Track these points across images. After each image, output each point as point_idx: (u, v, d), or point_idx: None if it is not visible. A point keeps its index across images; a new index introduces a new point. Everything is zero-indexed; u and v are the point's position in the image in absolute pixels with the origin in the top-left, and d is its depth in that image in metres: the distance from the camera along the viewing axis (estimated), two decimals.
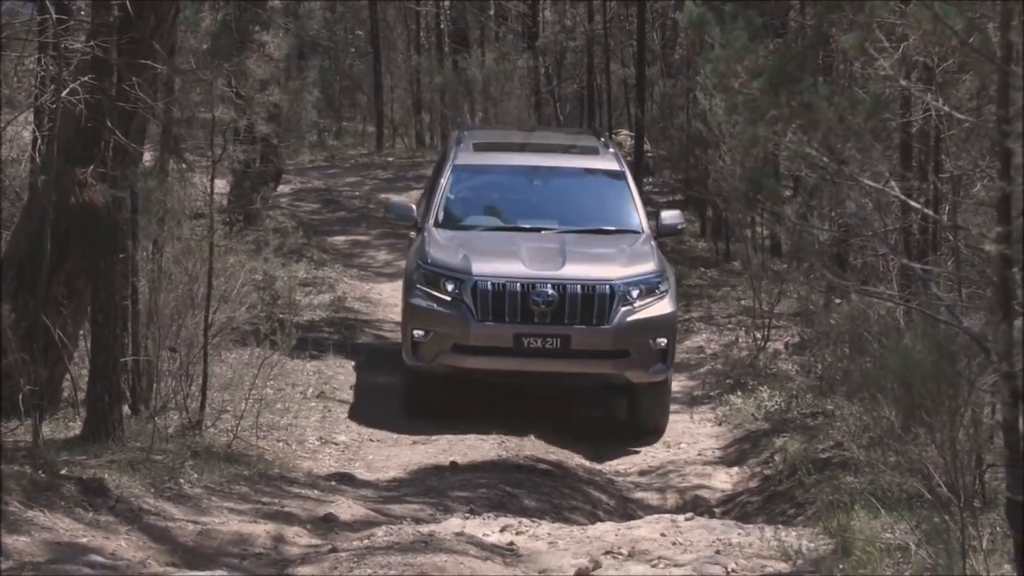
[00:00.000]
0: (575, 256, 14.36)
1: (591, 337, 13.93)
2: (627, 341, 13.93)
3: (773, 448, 13.50)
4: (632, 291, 14.06)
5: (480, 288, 13.88)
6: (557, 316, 13.88)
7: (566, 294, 13.87)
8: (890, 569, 7.46)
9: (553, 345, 13.85)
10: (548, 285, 13.88)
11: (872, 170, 9.57)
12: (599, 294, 13.92)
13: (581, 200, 15.65)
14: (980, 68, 5.74)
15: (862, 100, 7.51)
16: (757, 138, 6.88)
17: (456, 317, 13.90)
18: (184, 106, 14.57)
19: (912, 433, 6.77)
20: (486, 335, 13.89)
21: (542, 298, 13.82)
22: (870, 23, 6.71)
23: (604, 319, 13.89)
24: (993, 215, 5.06)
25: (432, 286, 14.07)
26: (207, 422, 12.60)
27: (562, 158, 16.57)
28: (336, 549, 9.56)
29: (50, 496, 10.18)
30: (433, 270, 14.22)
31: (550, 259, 14.29)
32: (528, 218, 15.36)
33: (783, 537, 9.80)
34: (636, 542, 10.00)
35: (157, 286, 12.79)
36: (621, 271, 14.23)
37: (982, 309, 6.95)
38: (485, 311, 13.87)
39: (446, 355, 13.93)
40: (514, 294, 13.87)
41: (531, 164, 16.32)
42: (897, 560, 7.57)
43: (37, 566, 8.05)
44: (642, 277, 14.26)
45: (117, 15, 11.87)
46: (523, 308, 13.84)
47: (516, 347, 13.85)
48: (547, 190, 15.94)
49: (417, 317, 14.11)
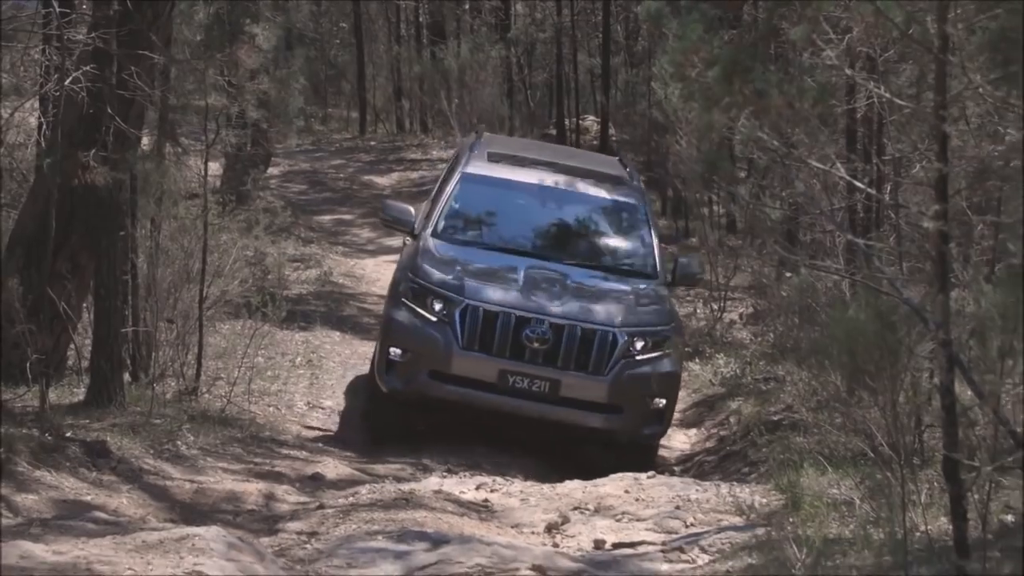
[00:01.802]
0: (579, 294, 12.23)
1: (584, 386, 11.75)
2: (623, 396, 11.78)
3: (728, 411, 13.55)
4: (636, 342, 11.91)
5: (470, 313, 11.76)
6: (550, 357, 11.73)
7: (563, 335, 11.73)
8: (836, 522, 7.50)
9: (541, 389, 11.72)
10: (545, 322, 11.75)
11: (819, 153, 9.56)
12: (599, 340, 11.79)
13: (596, 232, 13.39)
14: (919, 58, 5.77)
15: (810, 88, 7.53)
16: (712, 123, 6.88)
17: (439, 340, 11.76)
18: (180, 94, 14.51)
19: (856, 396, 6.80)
20: (469, 365, 11.74)
21: (536, 335, 11.70)
22: (817, 16, 6.72)
23: (601, 368, 11.75)
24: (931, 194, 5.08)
25: (419, 303, 11.93)
26: (202, 388, 12.60)
27: (582, 183, 13.92)
28: (323, 506, 9.57)
29: (56, 457, 10.18)
30: (423, 285, 12.06)
31: (551, 293, 12.12)
32: (536, 243, 13.05)
33: (737, 493, 9.84)
34: (602, 498, 10.02)
35: (155, 262, 12.77)
36: (625, 316, 12.05)
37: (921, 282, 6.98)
38: (472, 339, 11.73)
39: (422, 380, 11.79)
40: (506, 326, 11.73)
41: (547, 184, 13.69)
42: (843, 514, 7.61)
43: (45, 522, 8.04)
44: (649, 329, 12.10)
45: (117, 8, 11.83)
46: (514, 343, 11.71)
47: (500, 384, 11.70)
48: (560, 215, 13.44)
49: (397, 334, 12.00)
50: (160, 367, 12.58)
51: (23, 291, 11.79)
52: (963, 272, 8.54)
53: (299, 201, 23.23)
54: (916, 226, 9.59)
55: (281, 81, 20.04)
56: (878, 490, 5.83)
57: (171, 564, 6.74)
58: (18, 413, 11.07)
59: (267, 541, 8.45)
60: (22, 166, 14.87)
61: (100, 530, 7.56)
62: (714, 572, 7.20)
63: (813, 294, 12.60)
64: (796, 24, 7.41)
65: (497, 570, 7.83)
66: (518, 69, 29.03)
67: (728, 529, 8.94)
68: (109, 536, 7.29)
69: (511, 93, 28.11)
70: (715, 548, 8.41)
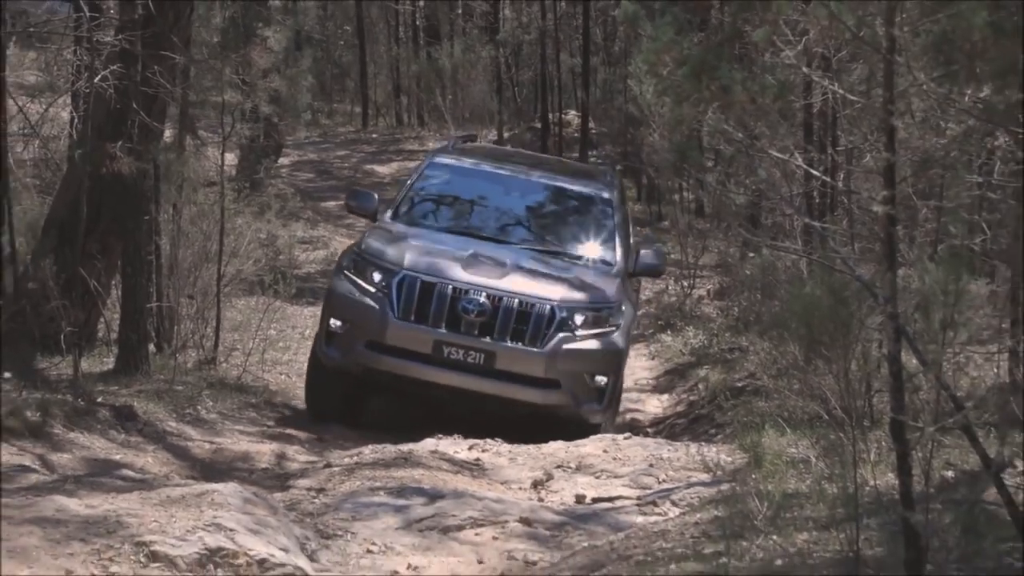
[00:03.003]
0: (522, 271, 11.07)
1: (520, 358, 10.62)
2: (560, 371, 10.65)
3: (697, 378, 13.58)
4: (576, 316, 10.79)
5: (407, 283, 10.71)
6: (486, 329, 10.61)
7: (500, 307, 10.62)
8: (794, 478, 7.52)
9: (476, 360, 10.58)
10: (482, 293, 10.65)
11: (779, 144, 9.57)
12: (536, 313, 10.67)
13: (557, 220, 12.22)
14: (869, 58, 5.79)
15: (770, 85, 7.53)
16: (682, 117, 6.88)
17: (376, 311, 10.70)
18: (198, 90, 14.48)
19: (812, 365, 6.83)
20: (404, 336, 10.63)
21: (473, 306, 10.59)
22: (776, 20, 6.72)
23: (537, 341, 10.62)
24: (880, 181, 5.09)
25: (359, 274, 10.94)
26: (220, 358, 12.61)
27: (548, 175, 12.84)
28: (330, 464, 9.58)
29: (88, 420, 10.19)
30: (364, 258, 11.08)
31: (493, 269, 10.99)
32: (492, 227, 11.95)
33: (705, 453, 9.86)
34: (583, 458, 10.04)
35: (177, 243, 12.77)
36: (566, 293, 10.92)
37: (871, 261, 6.99)
38: (408, 309, 10.65)
39: (359, 351, 10.75)
40: (443, 296, 10.64)
41: (512, 174, 12.64)
42: (800, 471, 7.64)
43: (78, 479, 8.06)
44: (591, 305, 10.94)
45: (141, 13, 11.81)
46: (450, 314, 10.62)
47: (435, 355, 10.59)
48: (522, 203, 12.33)
49: (337, 305, 11.02)
50: (182, 339, 12.59)
51: (57, 270, 11.81)
52: (909, 252, 8.57)
53: (307, 188, 23.23)
54: (867, 210, 9.60)
55: (291, 79, 19.98)
56: (832, 449, 5.84)
57: (192, 516, 6.75)
58: (53, 380, 11.09)
59: (279, 496, 8.47)
60: (56, 156, 14.86)
61: (128, 486, 7.57)
62: (684, 523, 7.23)
63: (773, 272, 12.64)
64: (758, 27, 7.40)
65: (488, 522, 7.85)
66: (506, 68, 29.01)
67: (696, 485, 8.97)
68: (136, 491, 7.30)
69: (500, 90, 28.07)
70: (685, 502, 8.44)
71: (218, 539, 6.49)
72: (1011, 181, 6.74)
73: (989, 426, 6.84)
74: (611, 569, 6.43)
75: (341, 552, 7.18)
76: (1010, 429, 7.12)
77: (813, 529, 6.33)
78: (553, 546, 7.57)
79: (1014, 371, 8.92)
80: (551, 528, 7.91)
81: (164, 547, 6.35)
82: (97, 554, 6.22)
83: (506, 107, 27.94)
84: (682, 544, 6.65)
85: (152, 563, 6.24)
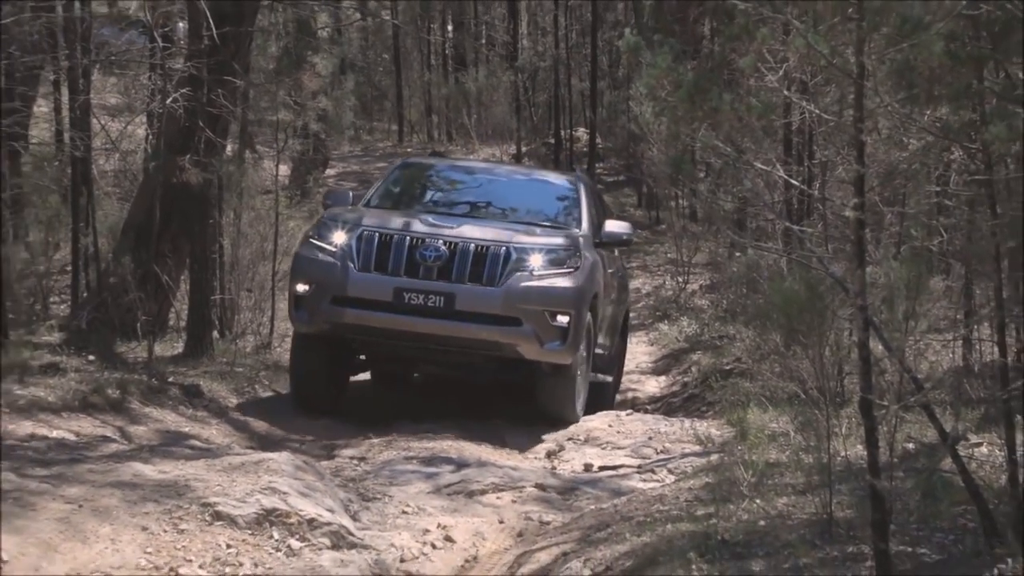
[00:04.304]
0: (478, 223, 10.20)
1: (477, 298, 9.58)
2: (517, 309, 9.59)
3: (690, 362, 13.56)
4: (530, 256, 9.75)
5: (366, 237, 9.78)
6: (443, 273, 9.63)
7: (456, 251, 9.66)
8: (775, 450, 7.51)
9: (436, 304, 9.56)
10: (439, 241, 9.70)
11: (763, 157, 9.57)
12: (492, 254, 9.67)
13: (524, 202, 11.10)
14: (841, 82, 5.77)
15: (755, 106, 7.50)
16: (678, 134, 6.88)
17: (337, 267, 9.75)
18: (256, 110, 14.54)
19: (791, 350, 6.80)
20: (365, 286, 9.65)
21: (431, 252, 9.64)
22: (760, 49, 6.71)
23: (494, 280, 9.61)
24: (850, 190, 5.08)
25: (322, 238, 9.99)
26: (275, 344, 12.63)
27: (515, 168, 11.91)
28: (369, 437, 9.59)
29: (160, 397, 10.21)
30: (327, 221, 10.16)
31: (450, 220, 10.15)
32: (458, 209, 10.94)
33: (697, 427, 9.86)
34: (590, 431, 10.04)
35: (237, 243, 12.81)
36: (522, 237, 9.92)
37: (843, 259, 6.98)
38: (367, 262, 9.71)
39: (325, 308, 9.73)
40: (400, 246, 9.69)
41: (480, 167, 11.95)
42: (780, 443, 7.62)
43: (152, 448, 8.08)
44: (544, 245, 9.88)
45: (207, 43, 11.83)
46: (408, 262, 9.66)
47: (396, 302, 9.59)
48: (490, 190, 11.31)
49: (301, 269, 9.98)
50: (241, 327, 12.62)
51: (134, 267, 11.84)
52: (876, 252, 8.55)
53: None
54: (839, 215, 9.58)
55: (336, 100, 20.05)
56: (808, 424, 5.83)
57: (250, 481, 6.77)
58: (131, 363, 11.11)
59: (326, 464, 8.48)
60: (133, 168, 14.91)
61: (195, 454, 7.59)
62: (679, 489, 7.22)
63: (757, 269, 12.60)
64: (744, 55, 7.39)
65: (507, 487, 7.86)
66: (524, 91, 29.01)
67: (690, 455, 8.97)
68: (202, 459, 7.32)
69: (518, 110, 28.08)
70: (679, 470, 8.43)
71: (273, 501, 6.50)
72: (965, 190, 6.71)
73: (946, 404, 6.84)
74: (615, 528, 6.43)
75: (380, 513, 7.19)
76: (963, 407, 7.11)
77: (792, 494, 6.32)
78: (564, 508, 7.57)
79: (967, 356, 8.91)
80: (562, 492, 7.91)
81: (226, 507, 6.36)
82: (168, 513, 6.24)
83: (524, 125, 27.94)
84: (677, 507, 6.64)
85: (216, 521, 6.25)
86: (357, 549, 6.38)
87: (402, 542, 6.66)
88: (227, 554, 6.04)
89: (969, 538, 5.20)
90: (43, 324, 12.84)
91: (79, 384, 9.65)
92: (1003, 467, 5.29)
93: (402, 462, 8.36)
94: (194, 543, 6.05)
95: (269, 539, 6.26)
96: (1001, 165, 5.26)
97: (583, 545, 6.27)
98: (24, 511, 5.97)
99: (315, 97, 14.59)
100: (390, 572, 6.30)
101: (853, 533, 5.46)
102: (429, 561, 6.54)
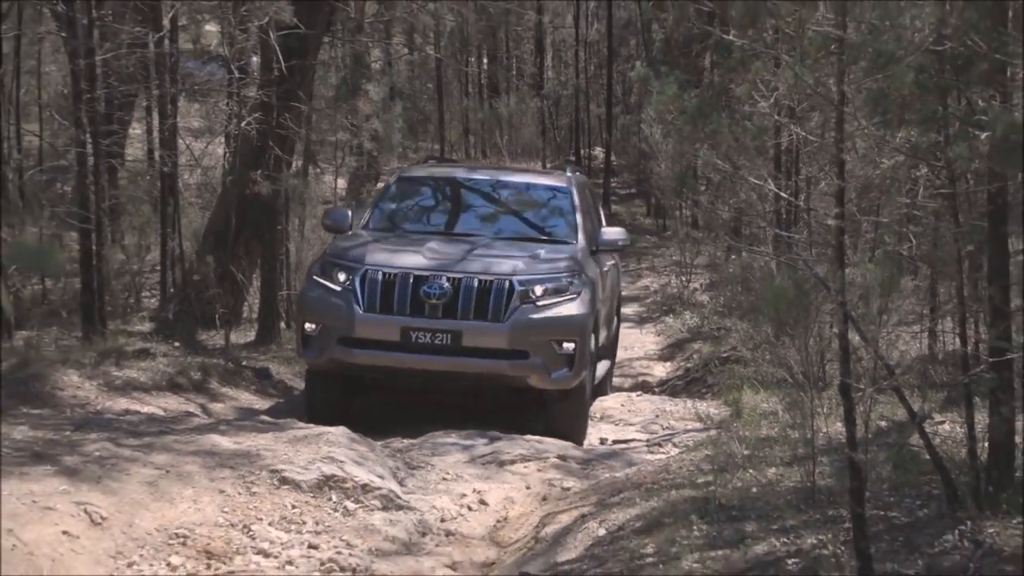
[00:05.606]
0: (480, 254, 8.95)
1: (484, 334, 8.48)
2: (525, 341, 8.50)
3: (692, 350, 13.52)
4: (535, 288, 8.65)
5: (370, 277, 8.62)
6: (449, 311, 8.51)
7: (460, 287, 8.55)
8: (766, 427, 7.48)
9: (443, 341, 8.47)
10: (442, 278, 8.57)
11: (756, 173, 9.55)
12: (496, 289, 8.56)
13: (518, 210, 10.07)
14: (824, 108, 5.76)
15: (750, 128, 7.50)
16: (683, 152, 6.87)
17: (343, 308, 8.59)
18: (318, 131, 14.60)
19: (780, 340, 6.78)
20: (372, 327, 8.51)
21: (435, 290, 8.51)
22: (754, 79, 6.71)
23: (499, 316, 8.51)
24: (832, 202, 5.06)
25: (326, 277, 8.81)
26: None
27: (508, 173, 10.86)
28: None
29: (236, 378, 10.27)
30: (331, 260, 8.95)
31: (453, 256, 8.88)
32: (461, 224, 9.83)
33: (698, 407, 9.83)
34: (605, 410, 10.03)
35: (301, 247, 12.85)
36: (524, 268, 8.77)
37: (825, 262, 6.96)
38: (372, 302, 8.56)
39: (333, 348, 8.60)
40: (405, 285, 8.55)
41: (474, 176, 10.61)
42: (770, 421, 7.60)
43: (228, 422, 8.12)
44: (546, 276, 8.76)
45: (276, 74, 11.90)
46: (413, 301, 8.53)
47: (403, 342, 8.48)
48: (485, 200, 10.22)
49: (308, 309, 8.83)
50: None
51: (214, 266, 11.93)
52: (854, 255, 8.51)
53: None
54: (822, 224, 9.54)
55: (386, 123, 20.13)
56: (794, 405, 5.81)
57: (312, 451, 6.80)
58: (210, 349, 11.19)
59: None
60: (213, 182, 15.00)
61: (265, 428, 7.63)
62: (682, 460, 7.21)
63: (751, 270, 12.55)
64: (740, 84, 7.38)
65: (533, 458, 7.85)
66: (549, 115, 29.05)
67: (691, 431, 8.95)
68: (271, 432, 7.36)
69: (544, 132, 28.11)
70: (683, 444, 8.41)
71: (332, 468, 6.52)
72: (931, 202, 6.69)
73: (914, 387, 6.80)
74: (627, 494, 6.43)
75: (423, 479, 7.20)
76: (929, 390, 7.07)
77: (780, 465, 6.30)
78: (583, 476, 7.57)
79: (932, 346, 8.86)
80: (581, 463, 7.91)
81: (291, 473, 6.39)
82: (242, 478, 6.28)
83: (549, 144, 27.97)
84: (680, 476, 6.63)
85: (283, 486, 6.29)
86: (404, 510, 6.40)
87: (442, 504, 6.67)
88: (292, 513, 6.07)
89: (934, 504, 5.18)
90: (136, 315, 12.94)
91: (167, 367, 9.72)
92: (963, 442, 5.27)
93: (442, 435, 8.37)
94: (264, 504, 6.09)
95: (328, 501, 6.29)
96: (962, 180, 5.24)
97: (599, 508, 6.27)
98: (120, 475, 6.02)
99: (368, 120, 14.65)
100: (432, 530, 6.32)
101: (833, 499, 5.45)
102: (466, 521, 6.55)
